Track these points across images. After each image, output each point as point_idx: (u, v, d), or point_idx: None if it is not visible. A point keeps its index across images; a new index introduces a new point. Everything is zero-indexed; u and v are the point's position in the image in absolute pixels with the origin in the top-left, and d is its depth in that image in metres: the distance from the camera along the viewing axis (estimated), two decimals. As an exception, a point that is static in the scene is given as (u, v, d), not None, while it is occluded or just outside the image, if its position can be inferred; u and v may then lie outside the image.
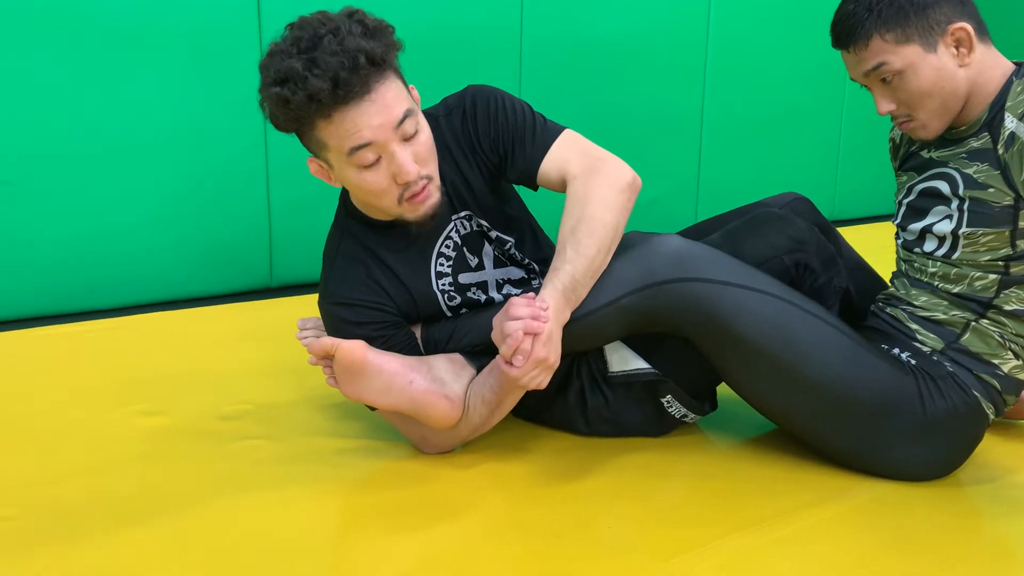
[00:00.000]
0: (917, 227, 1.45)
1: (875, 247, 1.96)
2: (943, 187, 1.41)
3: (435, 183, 1.39)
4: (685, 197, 3.26)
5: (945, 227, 1.40)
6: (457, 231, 1.51)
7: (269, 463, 1.47)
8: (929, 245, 1.44)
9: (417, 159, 1.34)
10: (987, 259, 1.38)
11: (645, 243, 1.40)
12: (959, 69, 1.36)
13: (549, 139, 1.46)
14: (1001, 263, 1.37)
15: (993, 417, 1.42)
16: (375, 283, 1.46)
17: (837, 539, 1.29)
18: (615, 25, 2.93)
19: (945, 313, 1.42)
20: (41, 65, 2.10)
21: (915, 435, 1.39)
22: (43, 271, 2.20)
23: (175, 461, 1.48)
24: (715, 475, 1.46)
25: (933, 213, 1.43)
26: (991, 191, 1.35)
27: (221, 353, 1.99)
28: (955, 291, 1.41)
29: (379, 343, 1.44)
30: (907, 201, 1.49)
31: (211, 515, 1.31)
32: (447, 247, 1.51)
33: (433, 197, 1.38)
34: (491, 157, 1.49)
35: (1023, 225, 1.34)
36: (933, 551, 1.26)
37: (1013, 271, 1.37)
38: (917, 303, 1.46)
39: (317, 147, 1.35)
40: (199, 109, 2.31)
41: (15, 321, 2.18)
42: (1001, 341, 1.39)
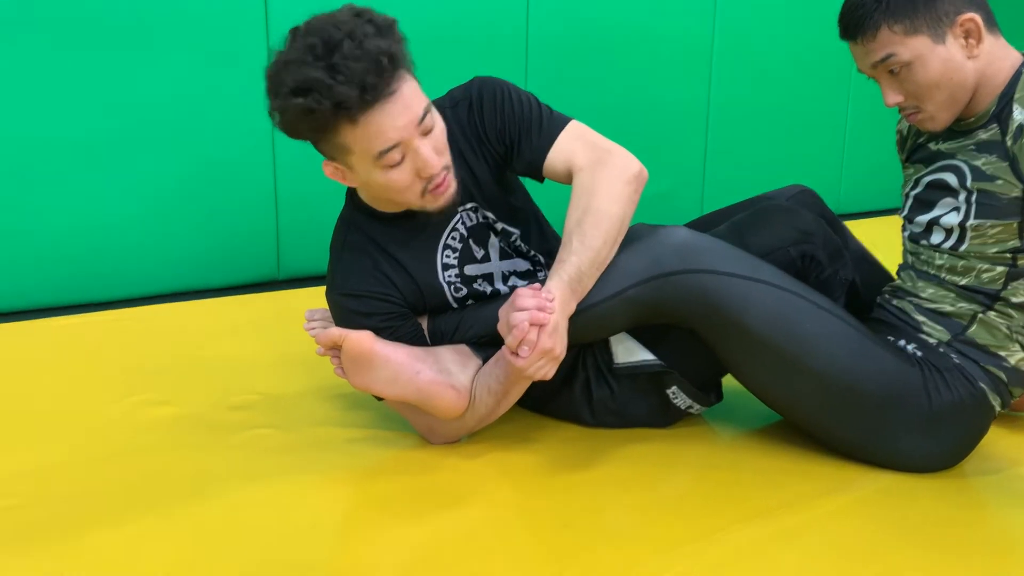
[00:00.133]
0: (924, 219, 1.45)
1: (880, 241, 1.95)
2: (951, 179, 1.41)
3: (452, 171, 1.39)
4: (691, 190, 3.26)
5: (952, 219, 1.40)
6: (463, 223, 1.51)
7: (277, 452, 1.48)
8: (936, 237, 1.44)
9: (437, 151, 1.34)
10: (995, 251, 1.38)
11: (651, 234, 1.40)
12: (968, 60, 1.36)
13: (555, 130, 1.46)
14: (1009, 255, 1.37)
15: (999, 409, 1.42)
16: (382, 274, 1.47)
17: (842, 530, 1.29)
18: (621, 17, 2.92)
19: (952, 305, 1.42)
20: (56, 61, 2.11)
21: (921, 427, 1.39)
22: (54, 263, 2.21)
23: (183, 450, 1.48)
24: (720, 466, 1.47)
25: (940, 205, 1.43)
26: (999, 183, 1.35)
27: (229, 344, 2.00)
28: (962, 283, 1.41)
29: (386, 334, 1.44)
30: (914, 193, 1.49)
31: (219, 503, 1.32)
32: (453, 239, 1.51)
33: (452, 185, 1.39)
34: (497, 148, 1.49)
35: (1031, 217, 1.34)
36: (938, 542, 1.26)
37: (1021, 263, 1.37)
38: (924, 295, 1.46)
39: (338, 152, 1.33)
40: (207, 102, 2.32)
41: (16, 313, 2.19)
42: (1008, 333, 1.39)
